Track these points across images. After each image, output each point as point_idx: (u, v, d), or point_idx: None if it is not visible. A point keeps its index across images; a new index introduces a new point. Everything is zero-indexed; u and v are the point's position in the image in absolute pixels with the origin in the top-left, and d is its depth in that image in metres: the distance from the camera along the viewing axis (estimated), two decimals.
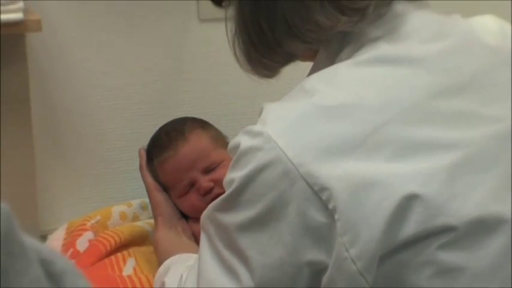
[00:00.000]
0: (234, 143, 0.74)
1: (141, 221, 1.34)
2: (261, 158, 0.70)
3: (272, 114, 0.73)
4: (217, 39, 1.37)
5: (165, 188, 1.24)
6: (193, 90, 1.47)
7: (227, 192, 0.74)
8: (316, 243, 0.69)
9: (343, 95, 0.72)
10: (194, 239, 1.18)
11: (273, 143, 0.70)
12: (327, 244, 0.68)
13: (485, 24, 0.82)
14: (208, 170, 1.22)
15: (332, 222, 0.67)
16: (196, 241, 1.14)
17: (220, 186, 0.78)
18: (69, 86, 1.38)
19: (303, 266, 0.70)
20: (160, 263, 1.06)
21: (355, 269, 0.67)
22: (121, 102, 1.43)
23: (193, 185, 1.22)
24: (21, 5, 1.15)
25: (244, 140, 0.72)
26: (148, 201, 1.27)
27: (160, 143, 1.26)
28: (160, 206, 1.22)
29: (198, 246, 0.82)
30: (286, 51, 0.82)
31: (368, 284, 0.67)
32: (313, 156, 0.68)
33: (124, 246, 1.24)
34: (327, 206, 0.67)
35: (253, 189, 0.71)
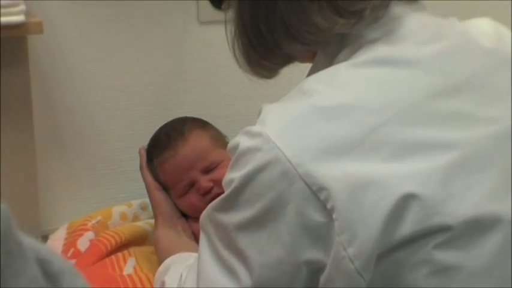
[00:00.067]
0: (233, 143, 0.74)
1: (141, 221, 1.34)
2: (260, 158, 0.70)
3: (271, 115, 0.73)
4: (216, 41, 1.37)
5: (165, 188, 1.23)
6: (193, 92, 1.47)
7: (226, 192, 0.74)
8: (314, 243, 0.69)
9: (341, 95, 0.72)
10: (194, 238, 1.18)
11: (271, 143, 0.70)
12: (325, 243, 0.68)
13: (481, 26, 0.82)
14: (207, 170, 1.22)
15: (330, 222, 0.67)
16: (196, 240, 1.14)
17: (220, 186, 0.77)
18: (70, 87, 1.38)
19: (301, 265, 0.70)
20: (160, 261, 1.06)
21: (353, 268, 0.67)
22: (122, 103, 1.43)
23: (193, 184, 1.22)
24: (23, 7, 1.15)
25: (243, 141, 0.73)
26: (149, 201, 1.27)
27: (160, 143, 1.26)
28: (161, 205, 1.22)
29: (197, 245, 0.82)
30: (284, 53, 0.82)
31: (366, 283, 0.67)
32: (311, 156, 0.68)
33: (124, 246, 1.24)
34: (325, 205, 0.67)
35: (252, 189, 0.71)
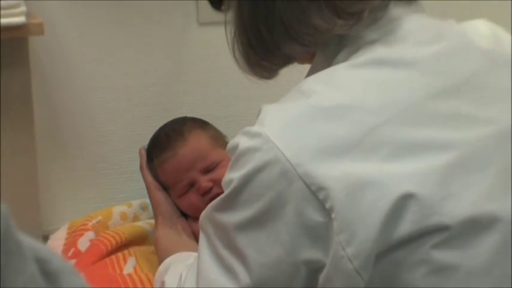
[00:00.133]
0: (232, 143, 0.75)
1: (142, 221, 1.34)
2: (259, 159, 0.70)
3: (270, 115, 0.73)
4: (216, 42, 1.37)
5: (165, 188, 1.23)
6: (193, 92, 1.47)
7: (226, 192, 0.74)
8: (313, 242, 0.69)
9: (340, 96, 0.73)
10: (194, 237, 1.17)
11: (271, 143, 0.70)
12: (324, 243, 0.68)
13: (478, 28, 0.82)
14: (207, 170, 1.22)
15: (329, 222, 0.67)
16: (196, 240, 1.13)
17: (220, 186, 0.77)
18: (71, 88, 1.38)
19: (300, 265, 0.70)
20: (160, 261, 1.06)
21: (352, 267, 0.67)
22: (122, 104, 1.43)
23: (192, 185, 1.22)
24: (24, 8, 1.15)
25: (242, 141, 0.73)
26: (149, 201, 1.27)
27: (160, 143, 1.26)
28: (161, 205, 1.21)
29: (197, 244, 0.82)
30: (284, 54, 0.82)
31: (364, 283, 0.67)
32: (310, 156, 0.69)
33: (124, 245, 1.24)
34: (324, 205, 0.67)
35: (252, 189, 0.71)
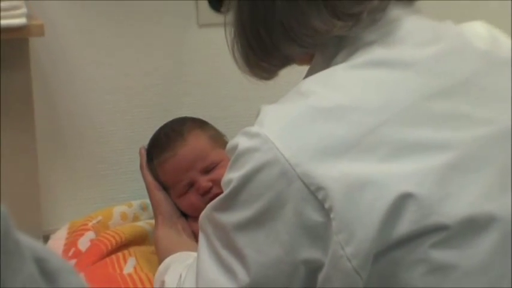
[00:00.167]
0: (232, 144, 0.75)
1: (142, 221, 1.34)
2: (258, 159, 0.70)
3: (269, 116, 0.73)
4: (216, 44, 1.38)
5: (165, 187, 1.24)
6: (193, 93, 1.47)
7: (225, 192, 0.74)
8: (312, 242, 0.69)
9: (339, 96, 0.73)
10: (194, 237, 1.18)
11: (270, 143, 0.70)
12: (323, 243, 0.68)
13: (476, 29, 0.83)
14: (207, 170, 1.22)
15: (328, 221, 0.68)
16: (195, 239, 1.12)
17: (219, 186, 0.77)
18: (71, 89, 1.39)
19: (299, 265, 0.70)
20: (160, 260, 1.07)
21: (351, 266, 0.67)
22: (122, 105, 1.43)
23: (192, 185, 1.22)
24: (25, 10, 1.15)
25: (242, 141, 0.73)
26: (149, 201, 1.27)
27: (159, 143, 1.26)
28: (161, 204, 1.22)
29: (197, 244, 0.82)
30: (283, 55, 0.82)
31: (363, 282, 0.67)
32: (309, 156, 0.69)
33: (124, 245, 1.24)
34: (323, 205, 0.68)
35: (251, 189, 0.71)
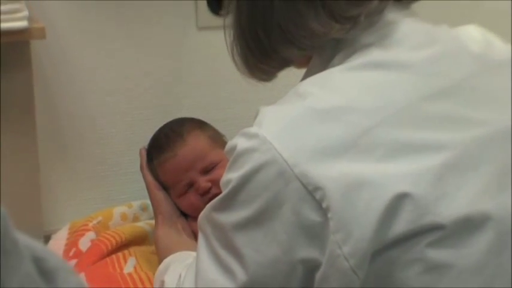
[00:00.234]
0: (231, 144, 0.75)
1: (141, 221, 1.35)
2: (257, 159, 0.71)
3: (267, 117, 0.73)
4: (215, 46, 1.38)
5: (165, 187, 1.24)
6: (193, 95, 1.47)
7: (224, 192, 0.75)
8: (310, 242, 0.69)
9: (336, 98, 0.73)
10: (194, 236, 1.18)
11: (268, 144, 0.70)
12: (321, 242, 0.69)
13: (470, 33, 0.83)
14: (206, 170, 1.22)
15: (325, 221, 0.68)
16: (195, 239, 1.13)
17: (218, 186, 0.77)
18: (72, 91, 1.39)
19: (296, 264, 0.71)
20: (160, 260, 1.07)
21: (348, 266, 0.67)
22: (122, 106, 1.44)
23: (192, 185, 1.22)
24: (26, 13, 1.16)
25: (241, 142, 0.73)
26: (149, 202, 1.27)
27: (159, 144, 1.26)
28: (161, 204, 1.22)
29: (197, 243, 0.82)
30: (281, 57, 0.83)
31: (360, 281, 0.67)
32: (307, 157, 0.69)
33: (125, 245, 1.25)
34: (321, 205, 0.68)
35: (250, 189, 0.72)
